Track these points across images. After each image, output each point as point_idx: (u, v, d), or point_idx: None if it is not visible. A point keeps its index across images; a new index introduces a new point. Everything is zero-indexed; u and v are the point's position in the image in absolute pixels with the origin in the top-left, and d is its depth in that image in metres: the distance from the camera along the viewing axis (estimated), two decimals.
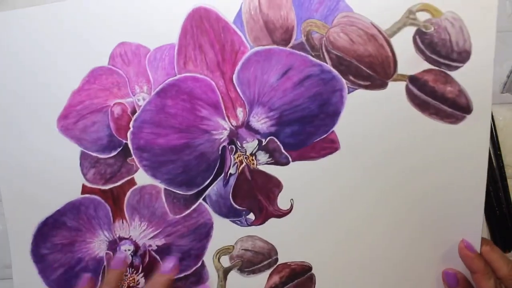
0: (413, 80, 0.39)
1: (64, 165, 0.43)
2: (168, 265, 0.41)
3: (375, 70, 0.39)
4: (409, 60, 0.38)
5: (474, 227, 0.40)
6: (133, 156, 0.42)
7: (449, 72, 0.38)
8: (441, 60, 0.38)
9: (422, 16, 0.38)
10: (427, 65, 0.38)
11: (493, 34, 0.37)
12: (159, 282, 0.40)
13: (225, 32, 0.41)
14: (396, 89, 0.39)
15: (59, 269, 0.43)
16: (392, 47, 0.39)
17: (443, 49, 0.38)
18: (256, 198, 0.43)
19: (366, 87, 0.40)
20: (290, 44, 0.41)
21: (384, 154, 0.41)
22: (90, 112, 0.43)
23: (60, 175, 0.43)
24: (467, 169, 0.40)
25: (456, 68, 0.38)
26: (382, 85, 0.39)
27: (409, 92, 0.39)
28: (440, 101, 0.38)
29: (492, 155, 0.46)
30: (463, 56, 0.38)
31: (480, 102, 0.38)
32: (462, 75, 0.38)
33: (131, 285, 0.43)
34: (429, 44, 0.38)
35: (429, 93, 0.38)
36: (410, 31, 0.38)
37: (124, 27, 0.41)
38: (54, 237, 0.43)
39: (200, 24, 0.41)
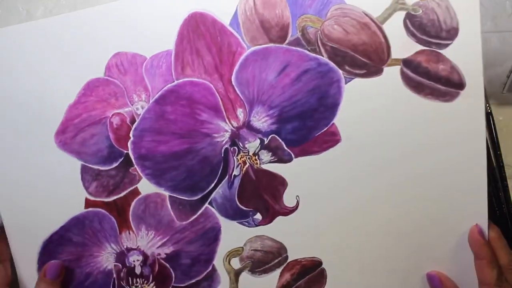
0: (407, 63, 0.40)
1: (65, 180, 0.42)
2: (51, 270, 0.41)
3: (370, 58, 0.40)
4: (402, 44, 0.39)
5: (480, 211, 0.41)
6: (135, 166, 0.42)
7: (440, 51, 0.39)
8: (432, 40, 0.39)
9: (410, 0, 0.39)
10: (419, 47, 0.39)
11: (477, 7, 0.38)
12: None
13: (221, 34, 0.41)
14: (391, 74, 0.40)
15: (68, 286, 0.42)
16: (384, 33, 0.40)
17: (432, 29, 0.39)
18: (262, 197, 0.42)
19: (362, 76, 0.40)
20: (286, 41, 0.41)
21: (385, 140, 0.41)
22: (88, 125, 0.42)
23: (61, 191, 0.42)
24: (467, 145, 0.40)
25: (446, 45, 0.39)
26: (378, 71, 0.40)
27: (404, 75, 0.40)
28: (434, 80, 0.39)
29: (492, 155, 0.46)
30: (452, 33, 0.39)
31: (472, 76, 0.39)
32: (452, 52, 0.39)
33: None
34: (419, 26, 0.39)
35: (423, 74, 0.39)
36: (400, 15, 0.39)
37: (118, 37, 0.41)
38: (60, 254, 0.42)
39: (196, 29, 0.40)
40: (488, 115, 0.46)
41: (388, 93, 0.40)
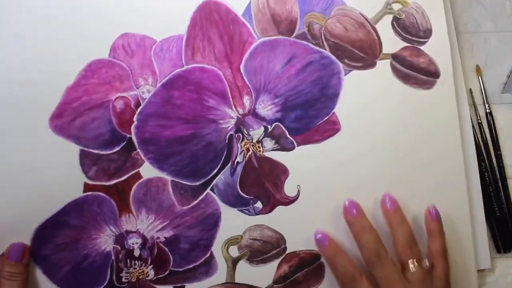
0: (395, 57, 0.45)
1: (62, 166, 0.41)
2: (13, 252, 0.39)
3: (365, 52, 0.45)
4: (390, 41, 0.46)
5: (460, 184, 0.45)
6: (138, 150, 0.42)
7: (419, 47, 0.46)
8: (413, 38, 0.46)
9: (396, 6, 0.46)
10: (404, 44, 0.46)
11: (443, 14, 0.46)
12: (16, 273, 0.39)
13: (234, 24, 0.42)
14: (383, 66, 0.45)
15: (66, 267, 0.41)
16: (377, 32, 0.45)
17: (413, 30, 0.46)
18: (263, 186, 0.43)
19: (359, 68, 0.45)
20: (294, 34, 0.44)
21: (379, 126, 0.45)
22: (88, 109, 0.41)
23: (59, 177, 0.41)
24: (443, 125, 0.45)
25: (424, 43, 0.46)
26: (372, 64, 0.45)
27: (393, 68, 0.45)
28: (417, 71, 0.45)
29: (492, 155, 0.48)
30: (427, 33, 0.46)
31: (444, 66, 0.46)
32: (428, 48, 0.46)
33: (140, 277, 0.42)
34: (403, 27, 0.46)
35: (408, 66, 0.45)
36: (389, 18, 0.46)
37: (127, 17, 0.41)
38: (56, 237, 0.41)
39: (210, 16, 0.42)
40: (488, 115, 0.48)
41: (381, 82, 0.45)
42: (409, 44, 0.46)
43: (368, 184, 0.44)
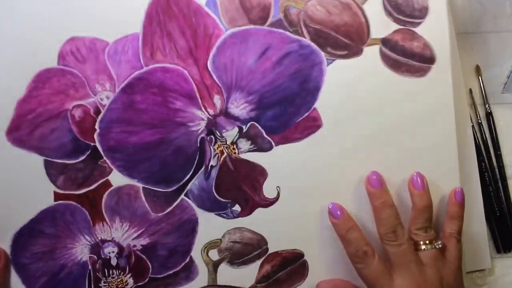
0: (385, 42, 0.41)
1: (29, 176, 0.40)
2: None
3: (351, 38, 0.40)
4: (380, 24, 0.41)
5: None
6: (105, 158, 0.39)
7: (413, 29, 0.41)
8: (406, 19, 0.41)
9: None
10: (395, 26, 0.41)
11: None
12: None
13: (197, 15, 0.38)
14: (371, 53, 0.41)
15: (42, 278, 0.41)
16: (364, 13, 0.41)
17: (406, 9, 0.41)
18: (241, 189, 0.41)
19: (343, 57, 0.40)
20: (268, 23, 0.39)
21: (365, 120, 0.41)
22: (45, 120, 0.39)
23: (27, 186, 0.40)
24: (436, 116, 0.42)
25: (419, 24, 0.41)
26: (358, 52, 0.41)
27: (382, 54, 0.41)
28: (409, 57, 0.41)
29: (492, 155, 0.47)
30: (423, 12, 0.42)
31: (441, 50, 0.42)
32: (424, 29, 0.42)
33: (119, 286, 0.41)
34: (395, 5, 0.41)
35: (400, 51, 0.41)
36: None
37: (73, 20, 0.37)
38: (33, 245, 0.41)
39: (168, 9, 0.37)
40: (488, 115, 0.48)
41: (368, 72, 0.41)
42: (401, 27, 0.41)
43: (352, 183, 0.41)
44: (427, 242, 0.39)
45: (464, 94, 0.45)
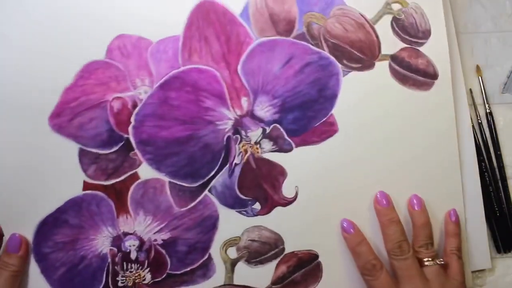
0: (394, 58, 0.45)
1: (62, 163, 0.42)
2: (11, 243, 0.40)
3: (364, 53, 0.45)
4: (389, 42, 0.45)
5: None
6: (136, 150, 0.42)
7: (418, 48, 0.46)
8: (412, 39, 0.46)
9: (396, 7, 0.46)
10: (402, 45, 0.46)
11: (441, 15, 0.46)
12: (9, 264, 0.39)
13: (231, 24, 0.42)
14: (381, 67, 0.45)
15: (61, 268, 0.41)
16: (376, 32, 0.45)
17: (412, 30, 0.46)
18: (262, 187, 0.43)
19: (357, 69, 0.44)
20: (292, 35, 0.43)
21: (376, 127, 0.44)
22: (86, 109, 0.41)
23: (58, 173, 0.41)
24: (440, 127, 0.45)
25: (423, 44, 0.46)
26: (370, 65, 0.45)
27: (391, 69, 0.45)
28: (415, 72, 0.45)
29: (492, 155, 0.48)
30: (426, 34, 0.46)
31: (443, 68, 0.46)
32: (427, 49, 0.46)
33: (136, 280, 0.42)
34: (402, 27, 0.46)
35: (406, 67, 0.45)
36: (388, 18, 0.46)
37: (122, 19, 0.41)
38: (56, 235, 0.41)
39: (207, 17, 0.41)
40: (488, 115, 0.48)
41: (379, 84, 0.45)
42: (408, 45, 0.45)
43: (365, 186, 0.44)
44: (430, 258, 0.41)
45: (464, 94, 0.47)
